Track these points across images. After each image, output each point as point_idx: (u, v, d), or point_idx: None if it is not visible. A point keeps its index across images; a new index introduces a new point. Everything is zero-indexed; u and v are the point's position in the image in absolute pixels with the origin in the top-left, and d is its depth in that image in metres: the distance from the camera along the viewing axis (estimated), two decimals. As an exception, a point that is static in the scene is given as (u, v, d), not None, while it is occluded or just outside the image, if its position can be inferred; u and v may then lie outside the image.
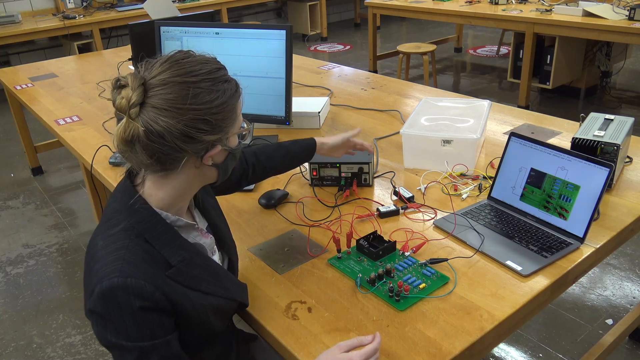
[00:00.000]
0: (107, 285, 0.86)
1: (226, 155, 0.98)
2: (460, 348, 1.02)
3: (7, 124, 4.89)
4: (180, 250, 0.96)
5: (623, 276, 2.42)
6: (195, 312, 0.97)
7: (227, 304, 1.05)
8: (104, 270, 0.88)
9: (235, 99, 0.95)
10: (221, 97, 0.92)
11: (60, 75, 3.16)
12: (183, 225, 1.01)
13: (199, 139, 0.91)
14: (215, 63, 0.95)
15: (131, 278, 0.87)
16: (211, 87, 0.91)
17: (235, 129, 0.97)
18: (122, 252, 0.89)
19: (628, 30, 3.53)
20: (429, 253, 1.29)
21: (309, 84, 2.69)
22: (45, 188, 3.65)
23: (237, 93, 0.96)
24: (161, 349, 0.90)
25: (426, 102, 1.94)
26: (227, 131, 0.95)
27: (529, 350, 2.04)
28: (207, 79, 0.91)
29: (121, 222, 0.93)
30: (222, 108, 0.92)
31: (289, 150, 1.41)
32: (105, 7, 5.75)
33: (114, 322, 0.87)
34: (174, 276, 0.94)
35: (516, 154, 1.44)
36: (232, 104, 0.94)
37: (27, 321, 2.39)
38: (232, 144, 0.98)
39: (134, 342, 0.88)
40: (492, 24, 4.43)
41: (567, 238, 1.30)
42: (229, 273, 1.10)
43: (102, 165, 1.89)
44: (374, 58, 5.50)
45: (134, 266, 0.88)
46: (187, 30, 1.84)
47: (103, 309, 0.87)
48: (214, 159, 0.96)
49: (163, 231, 0.95)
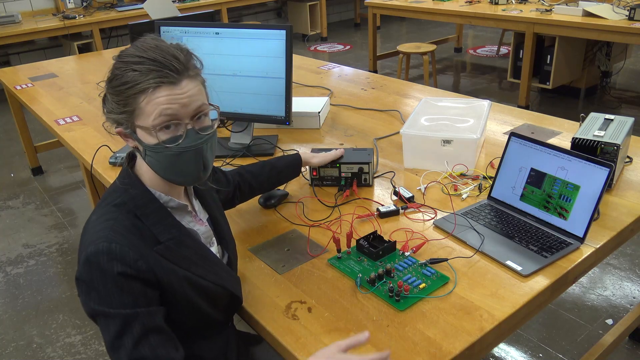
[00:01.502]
0: (92, 250, 0.91)
1: (144, 147, 0.97)
2: (460, 348, 1.02)
3: (7, 124, 4.89)
4: (171, 229, 1.00)
5: (623, 276, 2.42)
6: (182, 290, 0.98)
7: (216, 289, 1.05)
8: (91, 238, 0.93)
9: (135, 91, 0.93)
10: (118, 80, 0.95)
11: (60, 75, 3.16)
12: (176, 207, 1.05)
13: (112, 110, 0.98)
14: (146, 53, 0.94)
15: (115, 244, 0.91)
16: (121, 67, 0.95)
17: (142, 122, 0.95)
18: (111, 222, 0.95)
19: (628, 30, 3.53)
20: (429, 253, 1.29)
21: (309, 84, 2.69)
22: (45, 188, 3.65)
23: (139, 86, 0.93)
24: (144, 319, 0.92)
25: (426, 102, 1.94)
26: (130, 120, 0.96)
27: (529, 350, 2.04)
28: (122, 62, 0.95)
29: (115, 200, 0.99)
30: (118, 90, 0.95)
31: (274, 165, 1.47)
32: (105, 7, 5.75)
33: (97, 288, 0.90)
34: (161, 252, 0.97)
35: (516, 154, 1.44)
36: (128, 93, 0.94)
37: (27, 321, 2.39)
38: (143, 137, 0.97)
39: (116, 309, 0.90)
40: (492, 24, 4.43)
41: (567, 238, 1.30)
42: (222, 263, 1.12)
43: (102, 165, 1.89)
44: (374, 58, 5.50)
45: (120, 235, 0.93)
46: (187, 30, 1.84)
47: (87, 274, 0.91)
48: (140, 146, 0.99)
49: (154, 209, 1.00)
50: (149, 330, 0.92)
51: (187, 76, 0.96)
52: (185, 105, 0.95)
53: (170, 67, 0.93)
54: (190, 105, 0.96)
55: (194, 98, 0.96)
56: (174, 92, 0.94)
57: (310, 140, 2.02)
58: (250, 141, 1.93)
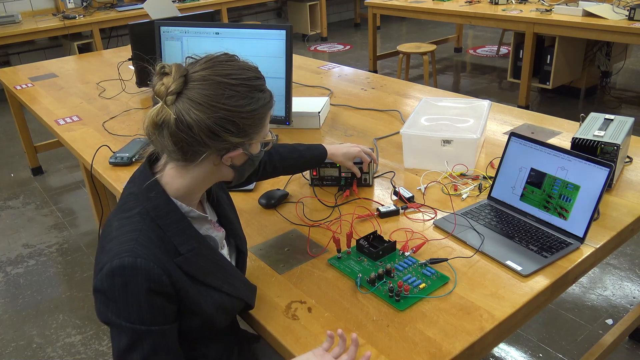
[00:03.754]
0: (117, 263, 0.88)
1: (245, 159, 1.02)
2: (460, 348, 1.02)
3: (7, 124, 4.89)
4: (191, 240, 0.99)
5: (623, 276, 2.42)
6: (198, 303, 0.98)
7: (231, 301, 1.05)
8: (115, 249, 0.90)
9: (267, 109, 1.00)
10: (254, 105, 0.96)
11: (60, 75, 3.16)
12: (196, 217, 1.04)
13: (223, 138, 0.94)
14: (256, 72, 0.99)
15: (141, 259, 0.89)
16: (247, 92, 0.95)
17: (260, 136, 1.02)
18: (136, 234, 0.92)
19: (628, 30, 3.53)
20: (429, 253, 1.29)
21: (309, 84, 2.69)
22: (45, 188, 3.65)
23: (269, 104, 1.00)
24: (157, 338, 0.91)
25: (426, 102, 1.94)
26: (252, 137, 0.99)
27: (529, 350, 2.05)
28: (245, 85, 0.95)
29: (137, 206, 0.96)
30: (252, 114, 0.96)
31: (302, 154, 1.48)
32: (105, 7, 5.75)
33: (117, 301, 0.89)
34: (181, 264, 0.96)
35: (516, 154, 1.44)
36: (262, 113, 0.99)
37: (27, 321, 2.39)
38: (253, 150, 1.02)
39: (133, 324, 0.89)
40: (492, 24, 4.44)
41: (567, 238, 1.30)
42: (238, 271, 1.12)
43: (102, 165, 1.89)
44: (374, 58, 5.50)
45: (145, 248, 0.91)
46: (187, 30, 1.84)
47: (109, 286, 0.89)
48: (233, 160, 1.00)
49: (176, 220, 0.98)
50: (159, 349, 0.91)
51: None
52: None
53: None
54: None
55: None
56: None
57: (310, 140, 2.02)
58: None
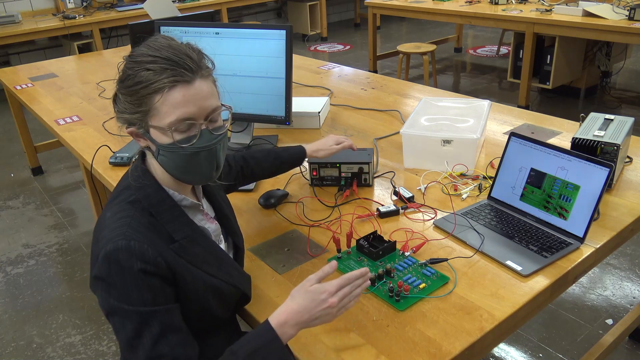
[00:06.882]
0: (111, 247, 0.90)
1: (158, 147, 0.97)
2: (460, 348, 1.02)
3: (7, 124, 4.89)
4: (185, 227, 1.00)
5: (623, 276, 2.42)
6: (195, 288, 0.98)
7: (228, 288, 1.06)
8: (108, 236, 0.92)
9: (149, 90, 0.93)
10: (132, 80, 0.94)
11: (60, 75, 3.16)
12: (189, 205, 1.05)
13: (124, 110, 0.97)
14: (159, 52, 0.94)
15: (134, 241, 0.91)
16: (134, 67, 0.94)
17: (157, 122, 0.94)
18: (128, 219, 0.94)
19: (628, 30, 3.53)
20: (429, 253, 1.29)
21: (309, 84, 2.69)
22: (45, 188, 3.65)
23: (154, 85, 0.92)
24: (163, 318, 0.91)
25: (426, 102, 1.94)
26: (144, 120, 0.95)
27: (529, 350, 2.04)
28: (135, 61, 0.95)
29: (129, 197, 0.98)
30: (131, 90, 0.94)
31: (279, 155, 1.49)
32: (105, 7, 5.75)
33: (116, 285, 0.90)
34: (176, 250, 0.97)
35: (516, 154, 1.44)
36: (142, 92, 0.93)
37: (27, 321, 2.39)
38: (157, 137, 0.96)
39: (136, 306, 0.90)
40: (492, 24, 4.43)
41: (567, 238, 1.30)
42: (233, 261, 1.12)
43: (102, 165, 1.89)
44: (374, 58, 5.50)
45: (138, 232, 0.92)
46: (187, 30, 1.84)
47: (106, 271, 0.90)
48: (152, 146, 0.98)
49: (169, 207, 1.00)
50: (168, 328, 0.91)
51: (200, 75, 0.95)
52: (200, 106, 0.95)
53: (184, 66, 0.93)
54: (205, 105, 0.95)
55: (208, 98, 0.96)
56: (189, 92, 0.93)
57: (310, 140, 2.01)
58: (250, 141, 1.93)
